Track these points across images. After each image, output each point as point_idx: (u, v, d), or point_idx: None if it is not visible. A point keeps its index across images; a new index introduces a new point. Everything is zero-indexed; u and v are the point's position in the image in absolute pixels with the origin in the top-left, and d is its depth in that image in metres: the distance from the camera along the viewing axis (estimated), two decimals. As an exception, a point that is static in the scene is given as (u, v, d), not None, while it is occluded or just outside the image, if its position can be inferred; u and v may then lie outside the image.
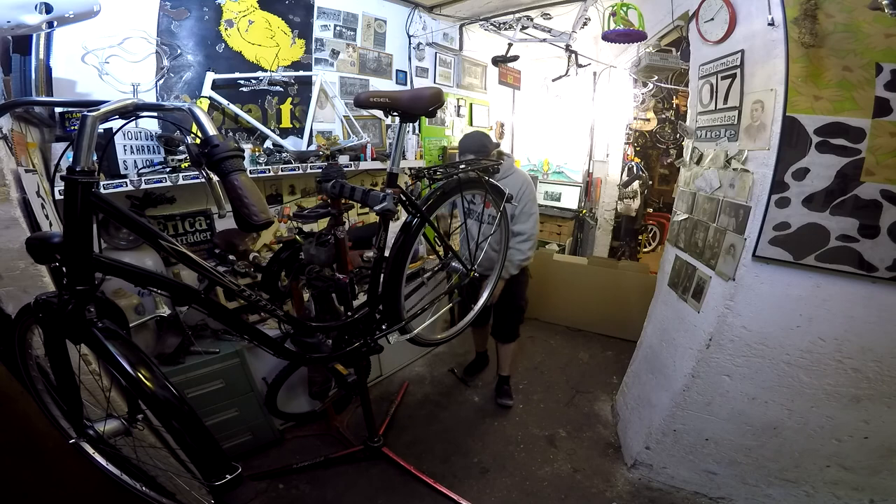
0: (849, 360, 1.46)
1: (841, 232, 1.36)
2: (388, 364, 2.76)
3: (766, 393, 1.61)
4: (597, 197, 4.34)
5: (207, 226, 2.08)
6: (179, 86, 1.92)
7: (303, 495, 1.88)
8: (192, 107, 0.78)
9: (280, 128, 2.29)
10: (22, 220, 1.12)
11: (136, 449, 1.17)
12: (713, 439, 1.77)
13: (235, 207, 0.74)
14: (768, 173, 1.42)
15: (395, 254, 1.41)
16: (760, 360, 1.58)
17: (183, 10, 1.88)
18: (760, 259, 1.48)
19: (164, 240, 0.92)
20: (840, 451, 1.58)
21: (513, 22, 2.77)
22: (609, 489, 1.93)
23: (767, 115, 1.43)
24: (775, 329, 1.53)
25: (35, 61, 1.40)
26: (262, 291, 1.61)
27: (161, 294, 1.66)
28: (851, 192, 1.33)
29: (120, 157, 1.59)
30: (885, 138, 1.26)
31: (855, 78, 1.27)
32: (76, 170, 0.73)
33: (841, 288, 1.41)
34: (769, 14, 1.37)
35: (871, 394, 1.47)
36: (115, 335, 0.84)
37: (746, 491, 1.78)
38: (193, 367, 1.78)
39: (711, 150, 1.75)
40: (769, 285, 1.49)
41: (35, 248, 0.81)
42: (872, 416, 1.50)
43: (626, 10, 2.04)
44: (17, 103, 1.24)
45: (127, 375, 0.79)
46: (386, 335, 1.53)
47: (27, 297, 0.95)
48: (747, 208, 1.50)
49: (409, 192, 1.40)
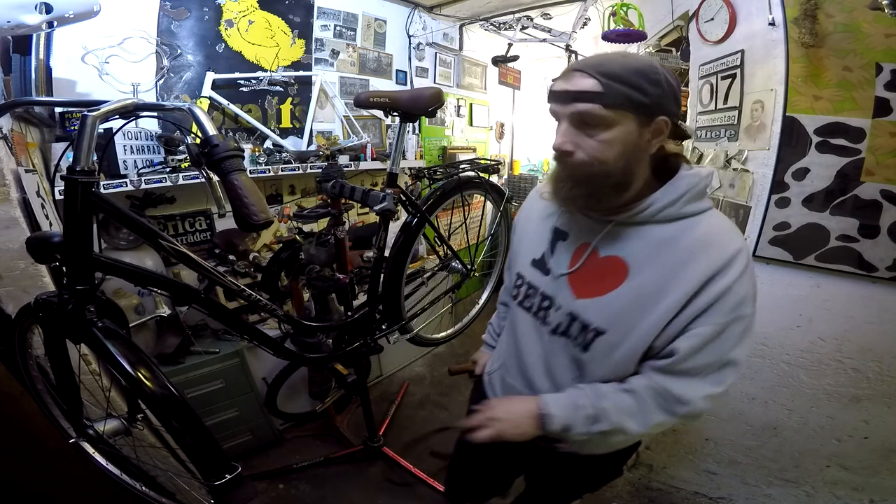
0: (849, 360, 1.46)
1: (841, 232, 1.36)
2: (388, 364, 2.75)
3: (766, 393, 1.61)
4: (597, 197, 4.33)
5: (207, 226, 2.08)
6: (179, 86, 1.92)
7: (303, 495, 1.88)
8: (192, 107, 0.78)
9: (280, 128, 2.29)
10: (22, 220, 1.11)
11: (135, 449, 1.17)
12: (713, 439, 1.77)
13: (235, 207, 0.74)
14: (768, 173, 1.42)
15: (395, 254, 1.42)
16: (760, 360, 1.58)
17: (183, 10, 1.87)
18: (760, 259, 1.48)
19: (165, 239, 0.92)
20: (840, 451, 1.58)
21: (513, 22, 2.77)
22: (609, 489, 1.93)
23: (767, 115, 1.43)
24: (775, 329, 1.53)
25: (35, 61, 1.39)
26: (262, 291, 1.61)
27: (161, 294, 1.66)
28: (851, 192, 1.33)
29: (120, 157, 1.59)
30: (885, 138, 1.26)
31: (855, 78, 1.27)
32: (76, 169, 0.73)
33: (841, 288, 1.41)
34: (769, 14, 1.37)
35: (871, 394, 1.47)
36: (115, 335, 0.84)
37: (746, 491, 1.78)
38: (193, 367, 1.77)
39: (711, 150, 1.75)
40: (769, 285, 1.49)
41: (35, 247, 0.82)
42: (872, 416, 1.50)
43: (626, 10, 2.04)
44: (17, 103, 1.24)
45: (127, 375, 0.79)
46: (386, 335, 1.53)
47: (27, 297, 0.95)
48: (747, 208, 1.50)
49: (409, 192, 1.40)
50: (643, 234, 0.76)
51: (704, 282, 0.69)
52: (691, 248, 0.71)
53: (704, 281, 0.69)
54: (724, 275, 0.69)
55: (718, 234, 0.73)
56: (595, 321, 0.78)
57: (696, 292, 0.69)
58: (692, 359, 0.72)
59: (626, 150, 0.71)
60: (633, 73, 0.68)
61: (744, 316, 0.71)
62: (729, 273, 0.69)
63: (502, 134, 4.04)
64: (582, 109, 0.70)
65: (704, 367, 0.73)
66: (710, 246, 0.71)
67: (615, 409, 0.77)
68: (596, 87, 0.68)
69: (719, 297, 0.69)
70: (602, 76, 0.68)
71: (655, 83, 0.69)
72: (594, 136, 0.70)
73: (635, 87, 0.68)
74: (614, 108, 0.68)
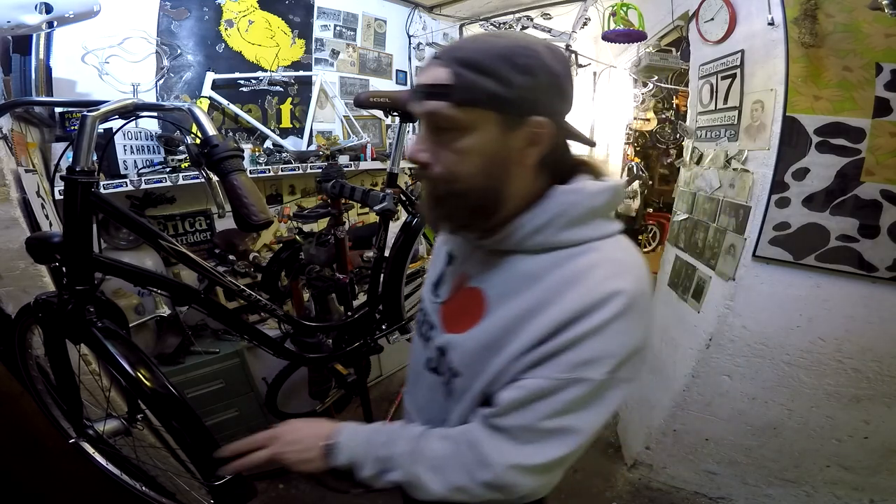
0: (849, 360, 1.46)
1: (841, 232, 1.36)
2: (388, 364, 2.75)
3: (766, 393, 1.60)
4: (597, 197, 4.33)
5: (207, 226, 2.08)
6: (179, 86, 1.92)
7: (303, 495, 1.88)
8: (192, 107, 0.78)
9: (280, 128, 2.29)
10: (22, 220, 1.12)
11: (135, 449, 1.17)
12: (713, 439, 1.77)
13: (235, 207, 0.74)
14: (768, 173, 1.42)
15: (395, 254, 1.42)
16: (760, 360, 1.58)
17: (183, 10, 1.88)
18: (760, 259, 1.48)
19: (165, 240, 0.93)
20: (840, 451, 1.58)
21: (513, 22, 2.77)
22: (609, 489, 1.93)
23: (767, 115, 1.43)
24: (775, 329, 1.53)
25: (35, 61, 1.40)
26: (262, 291, 1.61)
27: (161, 294, 1.66)
28: (851, 192, 1.33)
29: (120, 157, 1.59)
30: (885, 138, 1.26)
31: (855, 78, 1.27)
32: (76, 169, 0.73)
33: (841, 288, 1.41)
34: (769, 14, 1.37)
35: (871, 394, 1.47)
36: (114, 335, 0.84)
37: (746, 491, 1.78)
38: (193, 367, 1.77)
39: (711, 150, 1.75)
40: (769, 285, 1.49)
41: (35, 248, 0.82)
42: (872, 416, 1.50)
43: (626, 10, 2.04)
44: (16, 103, 1.24)
45: (126, 375, 0.79)
46: (386, 335, 1.53)
47: (27, 297, 0.95)
48: (747, 208, 1.50)
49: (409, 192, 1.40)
50: (508, 265, 0.60)
51: (556, 328, 0.52)
52: (558, 286, 0.54)
53: (557, 326, 0.52)
54: (582, 322, 0.51)
55: (594, 271, 0.54)
56: (453, 360, 0.63)
57: (544, 339, 0.53)
58: (510, 414, 0.55)
59: (487, 162, 0.54)
60: (494, 58, 0.50)
61: (586, 380, 0.52)
62: (589, 320, 0.51)
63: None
64: (430, 109, 0.54)
65: (522, 428, 0.55)
66: (578, 284, 0.53)
67: (411, 457, 0.60)
68: (447, 78, 0.51)
69: (565, 347, 0.52)
70: (456, 63, 0.51)
71: (525, 70, 0.51)
72: (450, 144, 0.54)
73: (494, 77, 0.50)
74: (467, 107, 0.52)
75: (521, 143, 0.54)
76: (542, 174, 0.58)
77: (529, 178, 0.58)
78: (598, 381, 0.52)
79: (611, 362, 0.52)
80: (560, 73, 0.54)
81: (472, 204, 0.57)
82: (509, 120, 0.53)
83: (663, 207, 4.82)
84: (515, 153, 0.55)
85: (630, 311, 0.52)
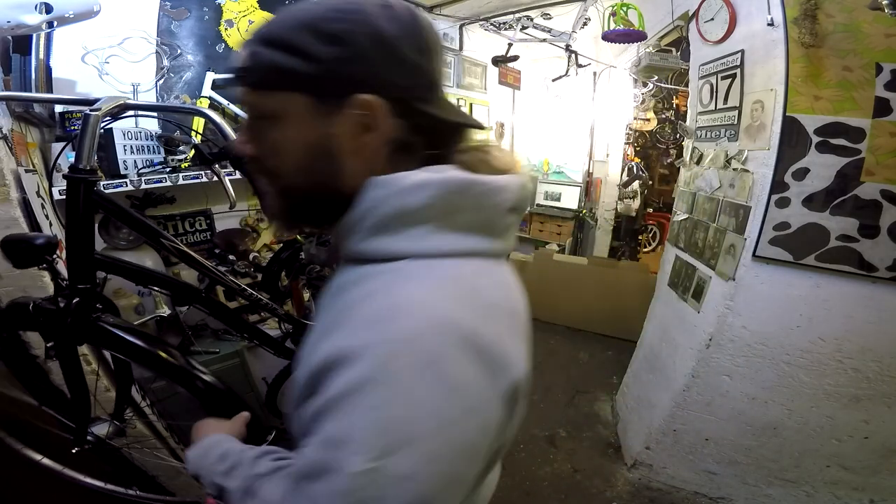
0: (849, 360, 1.46)
1: (841, 232, 1.36)
2: (388, 364, 2.75)
3: (766, 393, 1.61)
4: (597, 197, 4.34)
5: (207, 226, 2.08)
6: (179, 86, 1.92)
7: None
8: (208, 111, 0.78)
9: (280, 128, 2.29)
10: (22, 220, 1.11)
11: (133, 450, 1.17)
12: (713, 439, 1.77)
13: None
14: (768, 173, 1.42)
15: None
16: (760, 360, 1.58)
17: (183, 10, 1.87)
18: (760, 259, 1.48)
19: (167, 238, 0.93)
20: (840, 451, 1.58)
21: (513, 22, 2.77)
22: (609, 489, 1.93)
23: (767, 115, 1.43)
24: (775, 329, 1.53)
25: (35, 61, 1.39)
26: (263, 291, 1.61)
27: (162, 293, 1.66)
28: (851, 192, 1.33)
29: (120, 157, 1.59)
30: (885, 138, 1.26)
31: (855, 78, 1.27)
32: (79, 168, 0.73)
33: (841, 288, 1.41)
34: (769, 14, 1.37)
35: (871, 394, 1.47)
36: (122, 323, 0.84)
37: (746, 491, 1.78)
38: (193, 367, 1.77)
39: (711, 150, 1.75)
40: (769, 285, 1.50)
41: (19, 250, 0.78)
42: (872, 416, 1.50)
43: (626, 10, 2.04)
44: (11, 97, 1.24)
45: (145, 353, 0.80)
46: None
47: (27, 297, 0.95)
48: (747, 208, 1.50)
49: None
50: (340, 270, 0.50)
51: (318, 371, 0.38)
52: (339, 312, 0.42)
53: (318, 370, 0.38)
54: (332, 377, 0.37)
55: (361, 308, 0.40)
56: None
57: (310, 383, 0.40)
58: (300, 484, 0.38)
59: (307, 154, 0.45)
60: (294, 29, 0.42)
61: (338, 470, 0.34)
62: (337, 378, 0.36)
63: (502, 134, 4.05)
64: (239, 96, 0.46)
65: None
66: (344, 321, 0.40)
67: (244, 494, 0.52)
68: (245, 59, 0.44)
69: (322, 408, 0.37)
70: (255, 41, 0.44)
71: (333, 39, 0.41)
72: (267, 135, 0.46)
73: (290, 51, 0.42)
74: (265, 90, 0.44)
75: (348, 129, 0.43)
76: (402, 164, 0.45)
77: (378, 169, 0.44)
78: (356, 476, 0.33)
79: (361, 449, 0.34)
80: (393, 34, 0.42)
81: (300, 202, 0.49)
82: (323, 101, 0.43)
83: (663, 207, 4.82)
84: (345, 141, 0.44)
85: (373, 386, 0.35)
